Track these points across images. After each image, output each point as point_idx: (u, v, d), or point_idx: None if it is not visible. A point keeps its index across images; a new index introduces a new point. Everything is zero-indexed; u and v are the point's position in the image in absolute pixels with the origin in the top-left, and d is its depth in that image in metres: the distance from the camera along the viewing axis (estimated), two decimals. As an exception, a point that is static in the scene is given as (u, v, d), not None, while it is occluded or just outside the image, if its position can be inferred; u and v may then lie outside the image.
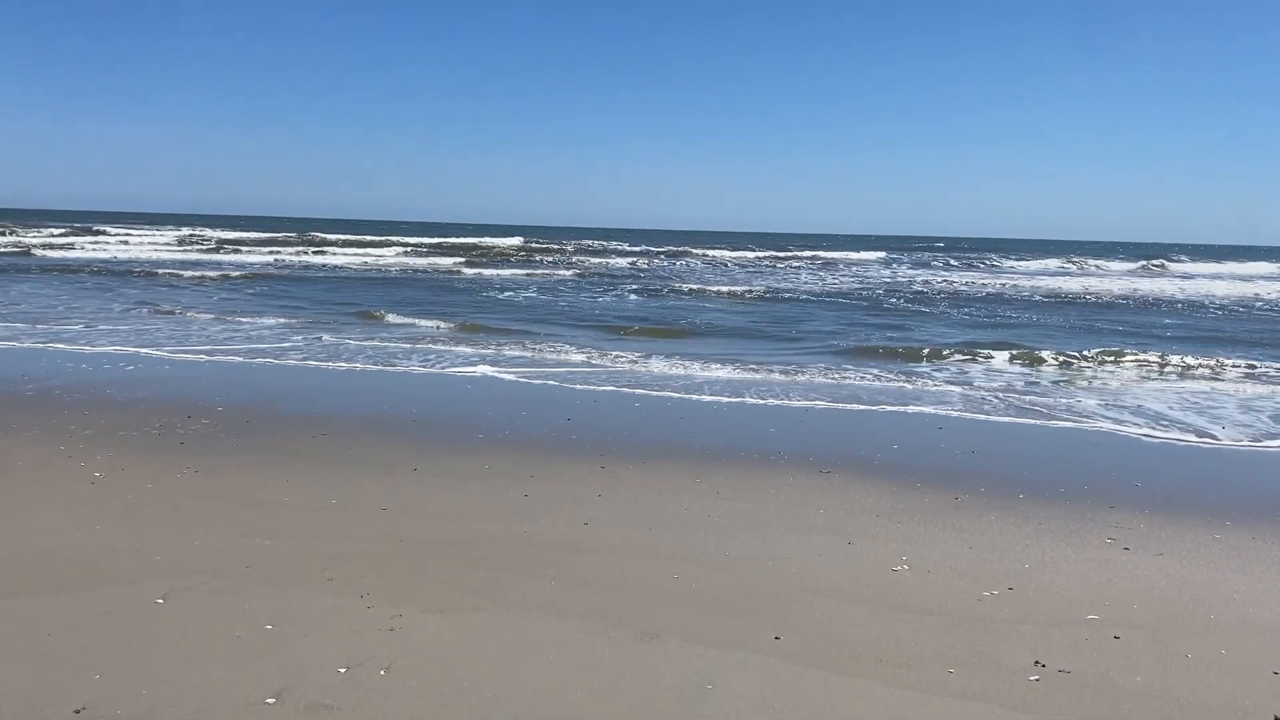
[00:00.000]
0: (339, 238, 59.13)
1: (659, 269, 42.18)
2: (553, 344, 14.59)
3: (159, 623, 4.15)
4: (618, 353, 13.68)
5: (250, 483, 6.40)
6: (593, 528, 5.67)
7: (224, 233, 62.98)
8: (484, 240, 64.73)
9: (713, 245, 75.12)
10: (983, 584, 4.93)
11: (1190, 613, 4.63)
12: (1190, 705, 3.72)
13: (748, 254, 59.62)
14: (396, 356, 12.89)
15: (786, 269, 44.99)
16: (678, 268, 43.99)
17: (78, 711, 3.40)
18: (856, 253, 65.95)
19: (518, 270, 37.71)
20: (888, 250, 74.45)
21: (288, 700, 3.52)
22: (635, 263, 46.06)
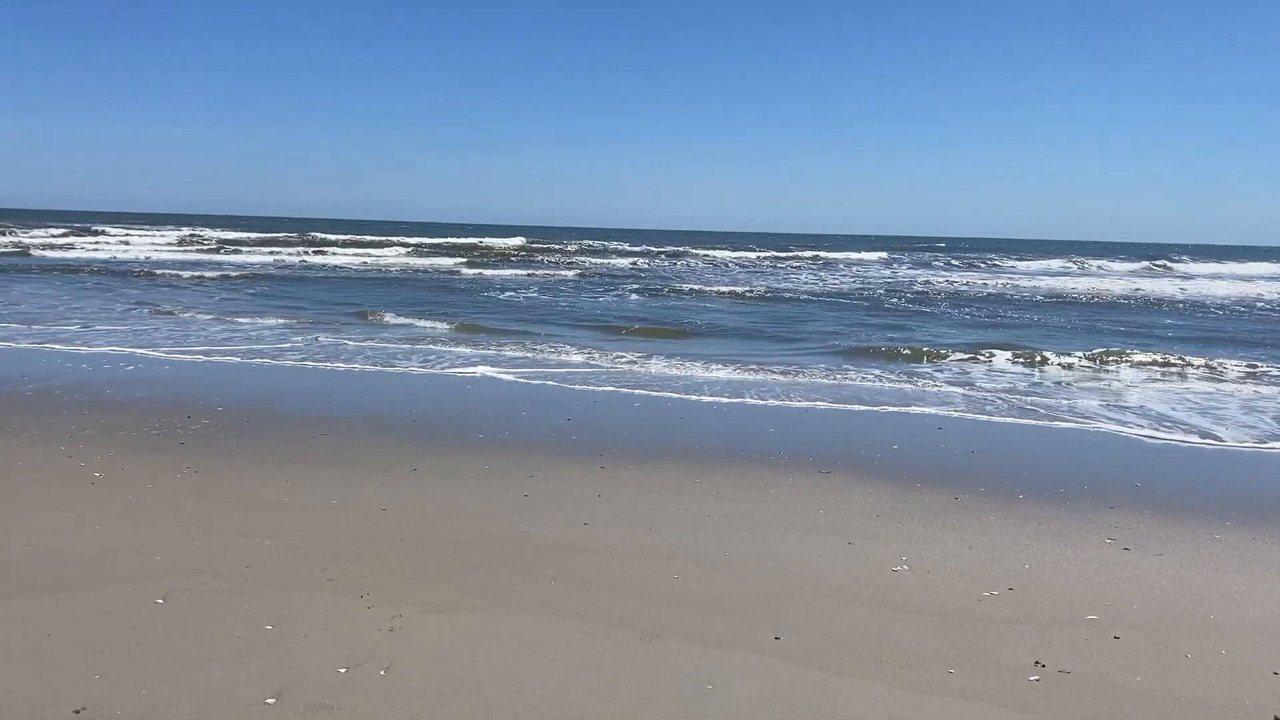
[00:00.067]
0: (339, 238, 59.11)
1: (660, 269, 42.19)
2: (553, 344, 14.59)
3: (159, 623, 4.16)
4: (618, 353, 13.68)
5: (250, 483, 6.41)
6: (593, 528, 5.67)
7: (224, 233, 62.94)
8: (484, 240, 64.72)
9: (713, 245, 75.18)
10: (983, 584, 4.93)
11: (1190, 613, 4.63)
12: (1190, 705, 3.72)
13: (748, 254, 59.62)
14: (396, 357, 12.89)
15: (787, 269, 44.98)
16: (678, 268, 43.99)
17: (78, 711, 3.40)
18: (857, 253, 65.91)
19: (518, 270, 37.71)
20: (889, 250, 74.43)
21: (288, 700, 3.52)
22: (636, 263, 46.07)
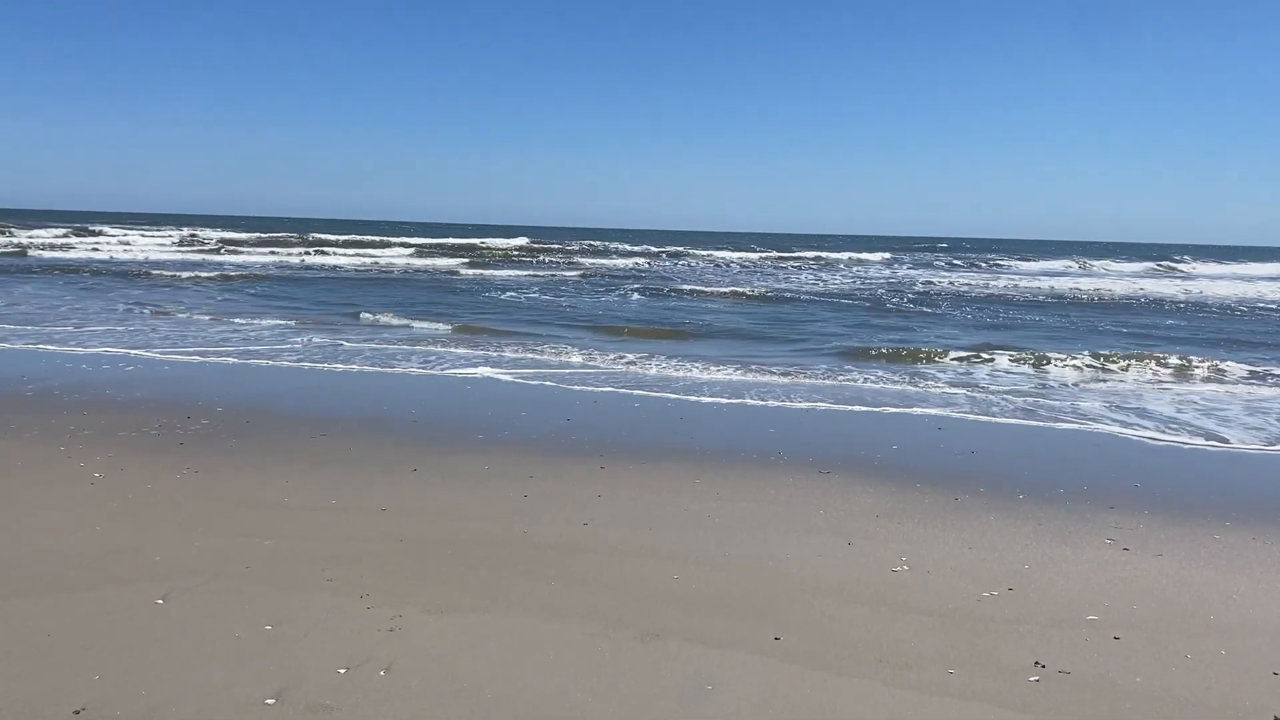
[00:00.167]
0: (339, 238, 59.07)
1: (661, 269, 42.20)
2: (554, 345, 14.59)
3: (159, 623, 4.16)
4: (618, 354, 13.68)
5: (250, 483, 6.41)
6: (592, 528, 5.67)
7: (224, 233, 62.93)
8: (485, 241, 64.71)
9: (715, 245, 75.20)
10: (983, 584, 4.93)
11: (1190, 613, 4.62)
12: (1190, 705, 3.72)
13: (750, 254, 59.65)
14: (396, 358, 12.89)
15: (789, 269, 44.98)
16: (679, 268, 44.00)
17: (77, 712, 3.40)
18: (859, 253, 65.92)
19: (519, 271, 37.73)
20: (890, 251, 74.41)
21: (287, 701, 3.52)
22: (637, 263, 46.10)
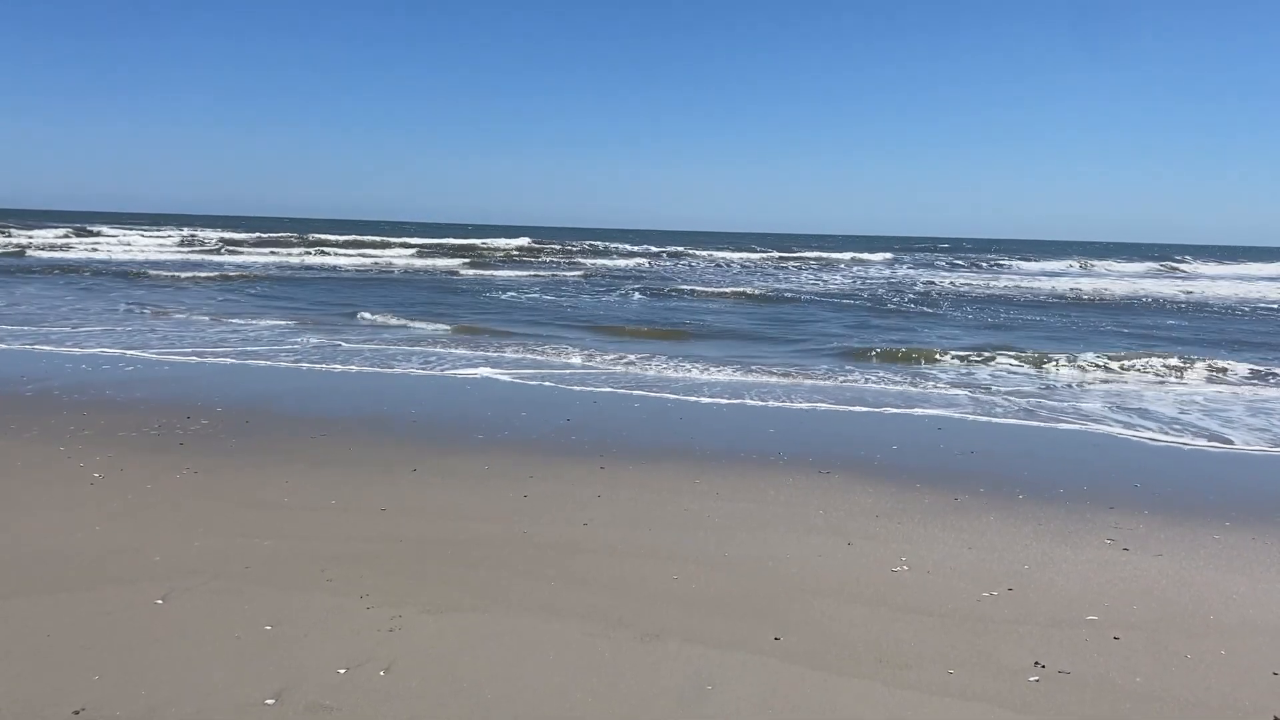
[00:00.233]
0: (339, 238, 59.06)
1: (662, 269, 42.21)
2: (554, 345, 14.59)
3: (159, 623, 4.16)
4: (619, 354, 13.68)
5: (250, 483, 6.41)
6: (592, 528, 5.67)
7: (224, 233, 62.94)
8: (486, 241, 64.68)
9: (715, 246, 75.18)
10: (982, 584, 4.93)
11: (1190, 613, 4.62)
12: (1190, 706, 3.72)
13: (751, 254, 59.65)
14: (396, 358, 12.89)
15: (790, 270, 44.98)
16: (680, 268, 44.01)
17: (77, 712, 3.40)
18: (860, 253, 65.88)
19: (520, 271, 37.72)
20: (891, 251, 74.40)
21: (287, 701, 3.52)
22: (638, 263, 46.09)
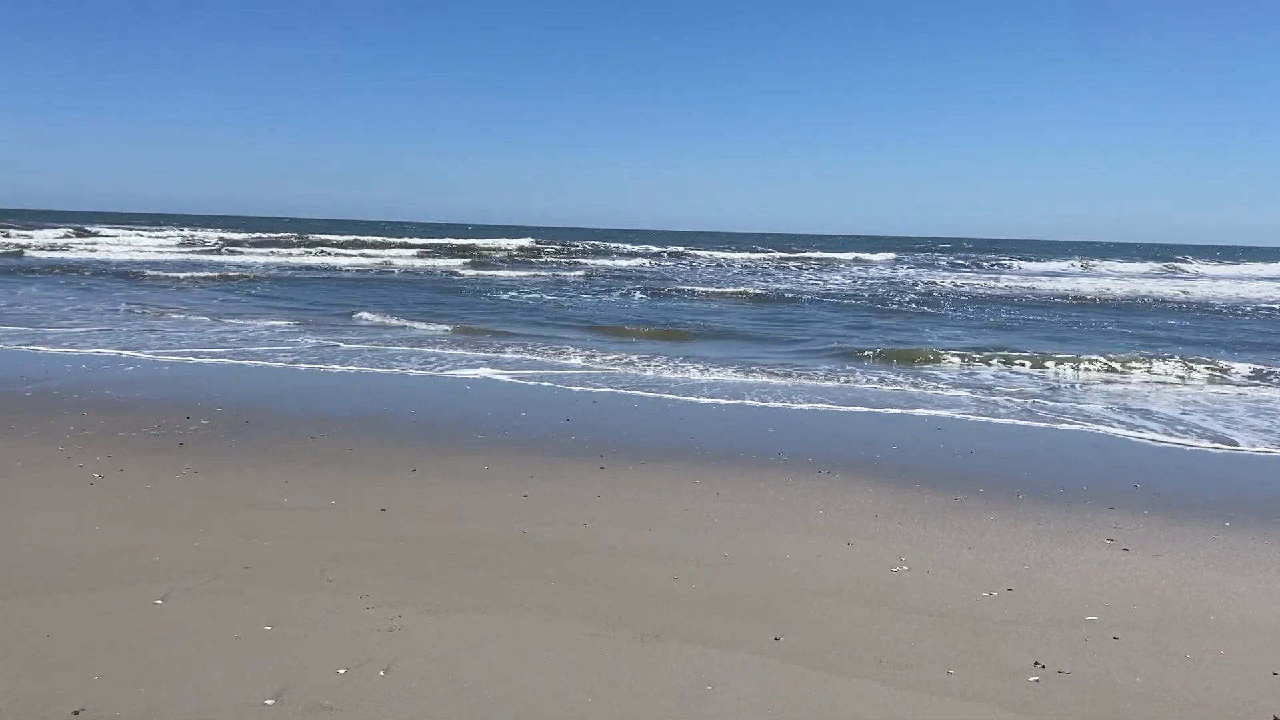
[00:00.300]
0: (339, 239, 59.12)
1: (663, 269, 42.22)
2: (554, 346, 14.59)
3: (159, 623, 4.16)
4: (619, 354, 13.68)
5: (250, 483, 6.41)
6: (592, 528, 5.67)
7: (224, 233, 62.95)
8: (486, 241, 64.70)
9: (716, 246, 75.23)
10: (982, 584, 4.93)
11: (1190, 613, 4.62)
12: (1190, 706, 3.72)
13: (752, 255, 59.70)
14: (396, 358, 12.89)
15: (791, 270, 44.98)
16: (681, 268, 44.02)
17: (77, 712, 3.40)
18: (861, 254, 65.90)
19: (520, 271, 37.73)
20: (892, 251, 74.41)
21: (287, 701, 3.52)
22: (639, 263, 46.11)
